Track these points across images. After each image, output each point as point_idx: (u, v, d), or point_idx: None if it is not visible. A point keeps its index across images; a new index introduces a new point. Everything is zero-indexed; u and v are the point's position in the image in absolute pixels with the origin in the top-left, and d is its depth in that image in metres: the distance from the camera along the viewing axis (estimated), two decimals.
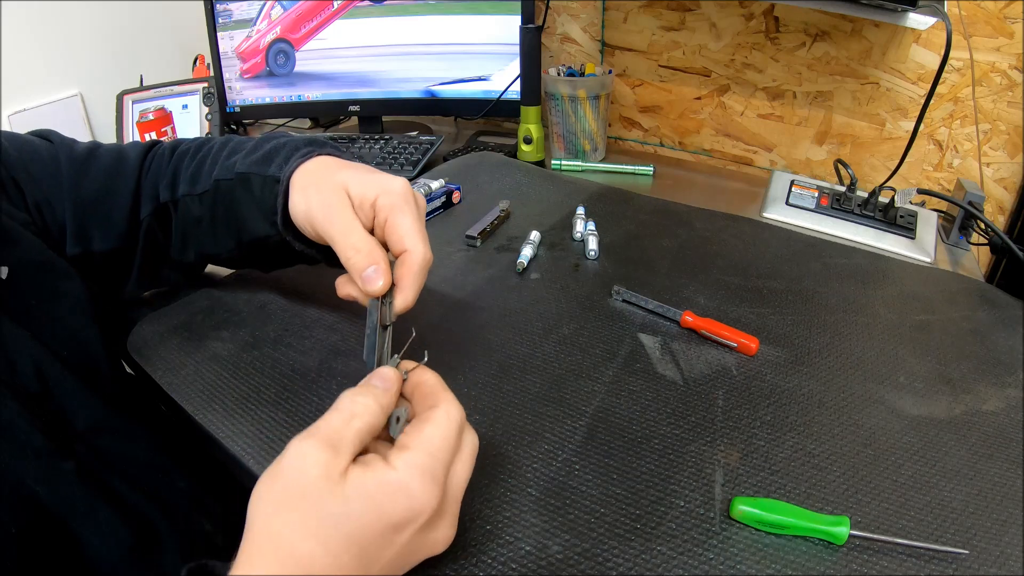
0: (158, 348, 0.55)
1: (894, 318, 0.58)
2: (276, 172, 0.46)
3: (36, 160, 0.52)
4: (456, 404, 0.33)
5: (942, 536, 0.37)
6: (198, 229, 0.54)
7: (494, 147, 1.05)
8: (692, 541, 0.36)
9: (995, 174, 0.86)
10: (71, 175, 0.52)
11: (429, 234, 0.40)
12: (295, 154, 0.46)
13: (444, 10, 1.02)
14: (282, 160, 0.47)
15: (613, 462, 0.42)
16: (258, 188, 0.48)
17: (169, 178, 0.54)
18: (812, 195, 0.81)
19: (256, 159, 0.49)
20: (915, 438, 0.44)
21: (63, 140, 0.55)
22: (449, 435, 0.31)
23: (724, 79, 1.00)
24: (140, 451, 0.48)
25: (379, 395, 0.32)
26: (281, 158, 0.47)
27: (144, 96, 1.17)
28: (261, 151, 0.50)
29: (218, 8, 1.12)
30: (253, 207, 0.48)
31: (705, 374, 0.50)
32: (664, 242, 0.70)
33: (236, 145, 0.53)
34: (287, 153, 0.47)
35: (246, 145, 0.52)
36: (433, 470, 0.29)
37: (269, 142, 0.51)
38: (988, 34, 0.80)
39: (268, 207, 0.47)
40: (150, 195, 0.54)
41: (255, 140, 0.52)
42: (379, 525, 0.28)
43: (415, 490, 0.28)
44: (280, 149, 0.49)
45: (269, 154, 0.49)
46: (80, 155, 0.54)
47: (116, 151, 0.56)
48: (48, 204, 0.51)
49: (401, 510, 0.28)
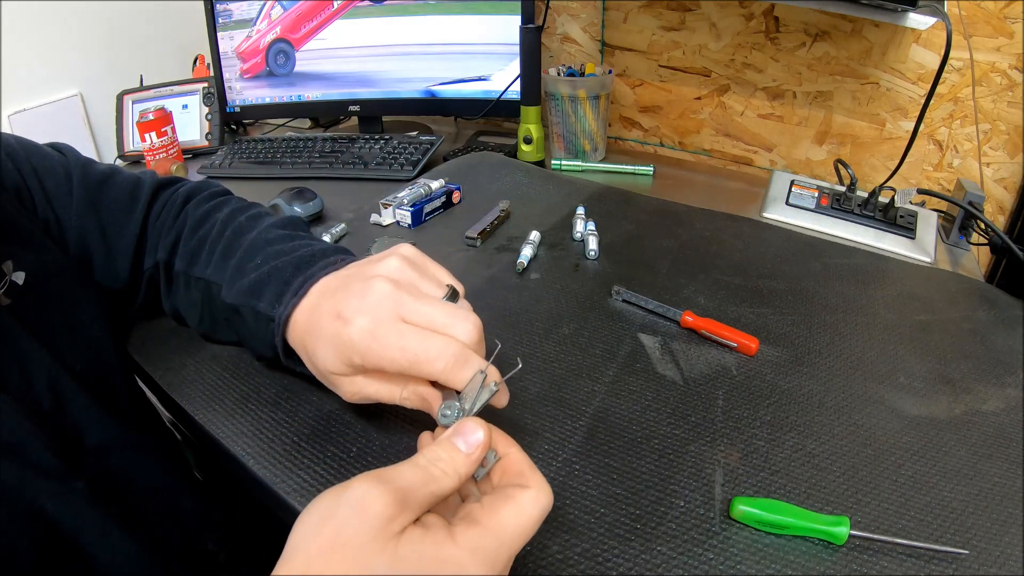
0: (158, 348, 0.55)
1: (894, 318, 0.58)
2: (268, 310, 0.42)
3: (51, 175, 0.50)
4: (547, 491, 0.29)
5: (942, 536, 0.37)
6: (194, 312, 0.51)
7: (494, 147, 1.05)
8: (692, 541, 0.36)
9: (995, 174, 0.86)
10: (81, 201, 0.51)
11: (429, 234, 0.40)
12: (286, 290, 0.41)
13: (444, 10, 1.02)
14: (272, 296, 0.42)
15: (613, 462, 0.42)
16: (251, 320, 0.44)
17: (172, 238, 0.52)
18: (812, 195, 0.81)
19: (245, 286, 0.44)
20: (915, 438, 0.44)
21: (77, 159, 0.53)
22: (527, 525, 0.28)
23: (724, 79, 1.00)
24: (149, 469, 0.47)
25: (462, 464, 0.29)
26: (271, 292, 0.42)
27: (144, 96, 1.17)
28: (249, 275, 0.44)
29: (218, 8, 1.12)
30: (251, 335, 0.45)
31: (705, 374, 0.50)
32: (664, 242, 0.70)
33: (232, 235, 0.48)
34: (276, 287, 0.42)
35: (241, 240, 0.47)
36: (496, 557, 0.27)
37: (255, 256, 0.45)
38: (988, 34, 0.80)
39: (266, 342, 0.43)
40: (154, 246, 0.53)
41: (248, 241, 0.47)
42: None
43: (470, 573, 0.26)
44: (266, 279, 0.43)
45: (257, 284, 0.43)
46: (93, 182, 0.52)
47: (130, 186, 0.54)
48: (57, 223, 0.50)
49: None
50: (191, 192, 0.55)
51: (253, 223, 0.50)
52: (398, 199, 0.76)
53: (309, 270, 0.42)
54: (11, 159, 0.49)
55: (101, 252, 0.52)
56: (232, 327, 0.48)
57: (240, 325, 0.46)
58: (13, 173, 0.48)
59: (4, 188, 0.47)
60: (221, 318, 0.48)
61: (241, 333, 0.47)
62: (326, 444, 0.43)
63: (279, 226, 0.49)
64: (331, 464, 0.42)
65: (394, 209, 0.75)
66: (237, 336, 0.49)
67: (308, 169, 0.96)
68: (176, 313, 0.54)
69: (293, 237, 0.47)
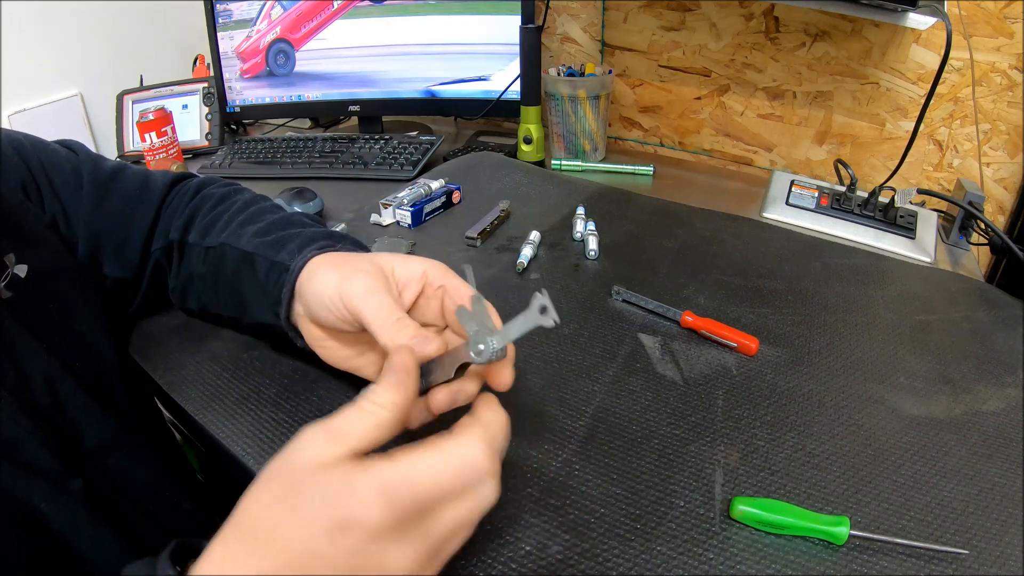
0: (158, 348, 0.55)
1: (894, 318, 0.58)
2: (286, 259, 0.44)
3: (59, 171, 0.51)
4: (475, 450, 0.28)
5: (942, 536, 0.37)
6: (201, 284, 0.52)
7: (494, 147, 1.05)
8: (692, 541, 0.36)
9: (995, 174, 0.86)
10: (92, 195, 0.51)
11: (429, 234, 0.40)
12: (310, 245, 0.44)
13: (444, 10, 1.02)
14: (295, 248, 0.44)
15: (613, 462, 0.42)
16: (263, 271, 0.45)
17: (185, 218, 0.53)
18: (812, 195, 0.81)
19: (267, 241, 0.46)
20: (915, 438, 0.44)
21: (88, 155, 0.54)
22: (443, 475, 0.27)
23: (724, 79, 1.00)
24: (147, 471, 0.47)
25: (389, 392, 0.30)
26: (294, 245, 0.44)
27: (144, 96, 1.17)
28: (274, 234, 0.47)
29: (218, 8, 1.12)
30: (257, 290, 0.46)
31: (705, 374, 0.50)
32: (664, 242, 0.70)
33: (256, 212, 0.51)
34: (302, 242, 0.45)
35: (265, 216, 0.50)
36: (399, 497, 0.26)
37: (285, 227, 0.48)
38: (988, 34, 0.80)
39: (272, 295, 0.44)
40: (164, 230, 0.53)
41: (273, 217, 0.50)
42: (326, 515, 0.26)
43: (364, 500, 0.26)
44: (294, 236, 0.46)
45: (282, 240, 0.46)
46: (104, 176, 0.53)
47: (141, 178, 0.55)
48: (64, 218, 0.50)
49: (343, 513, 0.26)
50: (203, 182, 0.57)
51: (278, 209, 0.52)
52: (398, 199, 0.76)
53: (338, 241, 0.45)
54: (18, 154, 0.49)
55: (114, 241, 0.52)
56: (237, 286, 0.48)
57: (248, 279, 0.47)
58: (20, 168, 0.48)
59: (9, 183, 0.47)
60: (227, 281, 0.49)
61: (245, 290, 0.47)
62: None
63: (310, 219, 0.52)
64: None
65: (394, 209, 0.75)
66: (237, 299, 0.49)
67: (308, 169, 0.96)
68: (182, 289, 0.54)
69: (323, 227, 0.51)
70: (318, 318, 0.41)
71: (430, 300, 0.40)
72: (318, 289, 0.39)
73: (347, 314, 0.37)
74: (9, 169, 0.47)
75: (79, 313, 0.47)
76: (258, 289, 0.46)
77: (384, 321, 0.35)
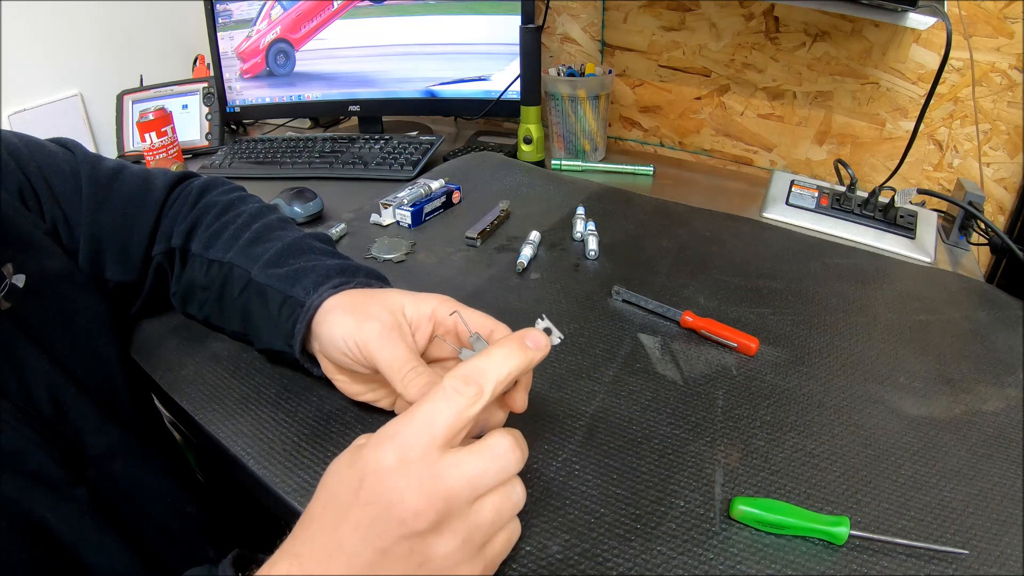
0: (158, 348, 0.55)
1: (894, 318, 0.58)
2: (300, 296, 0.43)
3: (57, 173, 0.50)
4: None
5: (942, 536, 0.37)
6: (204, 295, 0.52)
7: (494, 147, 1.05)
8: (692, 541, 0.36)
9: (995, 174, 0.86)
10: (92, 198, 0.50)
11: (429, 234, 0.41)
12: (326, 282, 0.43)
13: (444, 10, 1.02)
14: (310, 285, 0.44)
15: (613, 462, 0.42)
16: (275, 305, 0.45)
17: (187, 225, 0.52)
18: (812, 195, 0.81)
19: (280, 274, 0.46)
20: (915, 438, 0.44)
21: (86, 155, 0.53)
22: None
23: (724, 79, 1.00)
24: (151, 475, 0.47)
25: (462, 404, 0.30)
26: (309, 282, 0.44)
27: (144, 96, 1.17)
28: (287, 265, 0.46)
29: (218, 8, 1.12)
30: (268, 320, 0.46)
31: (705, 374, 0.50)
32: (664, 242, 0.70)
33: (263, 229, 0.50)
34: (317, 279, 0.44)
35: (273, 235, 0.50)
36: (407, 444, 0.29)
37: (297, 255, 0.47)
38: (988, 34, 0.80)
39: (284, 328, 0.44)
40: (166, 234, 0.53)
41: (284, 240, 0.49)
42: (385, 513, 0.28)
43: (406, 495, 0.28)
44: (308, 272, 0.45)
45: (295, 274, 0.45)
46: (103, 178, 0.52)
47: (142, 179, 0.54)
48: (65, 221, 0.49)
49: (398, 509, 0.28)
50: (206, 186, 0.56)
51: (285, 225, 0.52)
52: (398, 199, 0.76)
53: (352, 276, 0.45)
54: (15, 159, 0.48)
55: (115, 245, 0.52)
56: (246, 312, 0.48)
57: (259, 309, 0.46)
58: (16, 173, 0.48)
59: (6, 189, 0.46)
60: (233, 302, 0.48)
61: (255, 318, 0.47)
62: (326, 444, 0.43)
63: (319, 240, 0.51)
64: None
65: (394, 209, 0.75)
66: (244, 322, 0.49)
67: (308, 169, 0.96)
68: (183, 296, 0.54)
69: (335, 254, 0.50)
70: (333, 359, 0.42)
71: (443, 336, 0.41)
72: (333, 333, 0.40)
73: (363, 359, 0.39)
74: (6, 176, 0.47)
75: (81, 319, 0.47)
76: (269, 320, 0.45)
77: (400, 371, 0.36)
